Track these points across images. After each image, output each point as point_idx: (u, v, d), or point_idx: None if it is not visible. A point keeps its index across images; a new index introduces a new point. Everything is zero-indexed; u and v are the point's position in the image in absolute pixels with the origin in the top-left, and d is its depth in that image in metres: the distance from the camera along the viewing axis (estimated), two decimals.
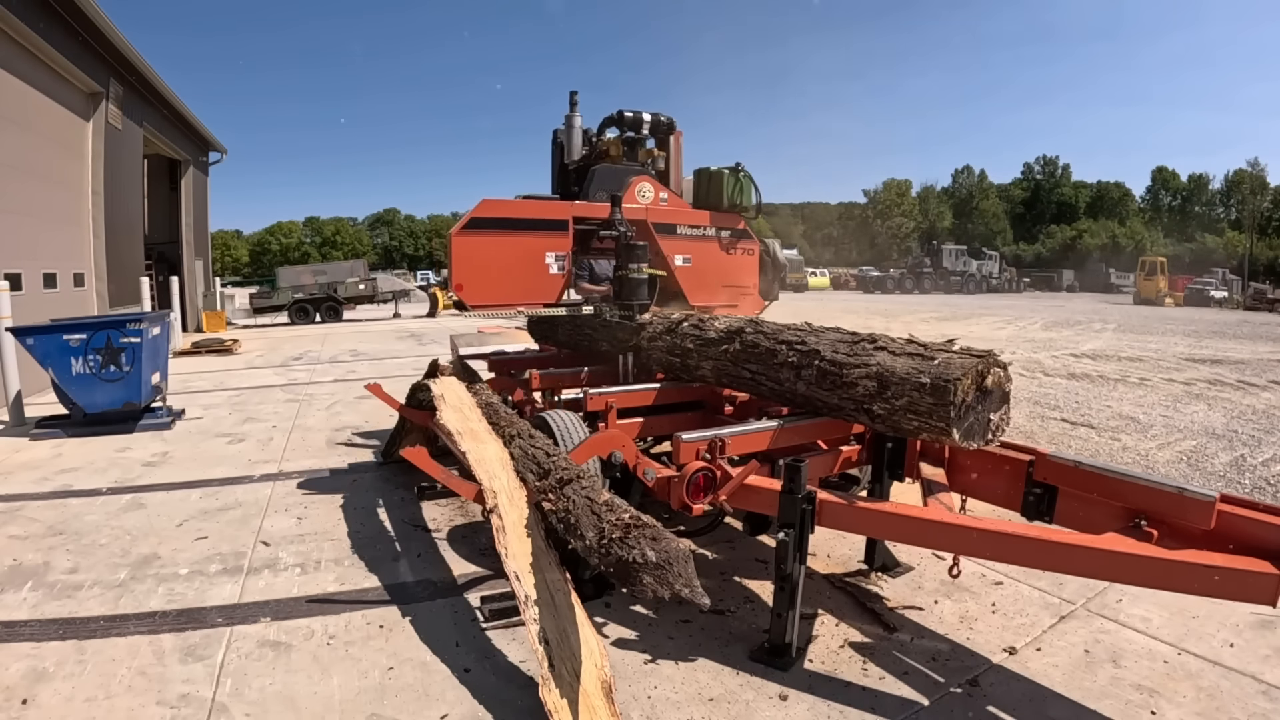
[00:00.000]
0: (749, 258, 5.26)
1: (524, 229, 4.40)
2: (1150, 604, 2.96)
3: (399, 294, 23.84)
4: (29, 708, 2.28)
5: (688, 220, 5.01)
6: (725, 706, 2.29)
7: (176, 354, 11.13)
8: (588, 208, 4.64)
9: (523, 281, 4.41)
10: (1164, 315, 23.42)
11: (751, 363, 3.37)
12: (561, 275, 4.51)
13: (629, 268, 4.39)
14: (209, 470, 5.00)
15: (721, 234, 5.11)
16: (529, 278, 4.42)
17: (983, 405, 2.50)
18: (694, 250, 5.01)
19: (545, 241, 4.43)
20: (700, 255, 5.04)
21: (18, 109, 8.52)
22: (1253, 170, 66.36)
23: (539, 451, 3.04)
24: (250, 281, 48.34)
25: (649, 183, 4.87)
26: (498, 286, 4.35)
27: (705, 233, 5.05)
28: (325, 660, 2.56)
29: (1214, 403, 7.50)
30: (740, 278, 5.22)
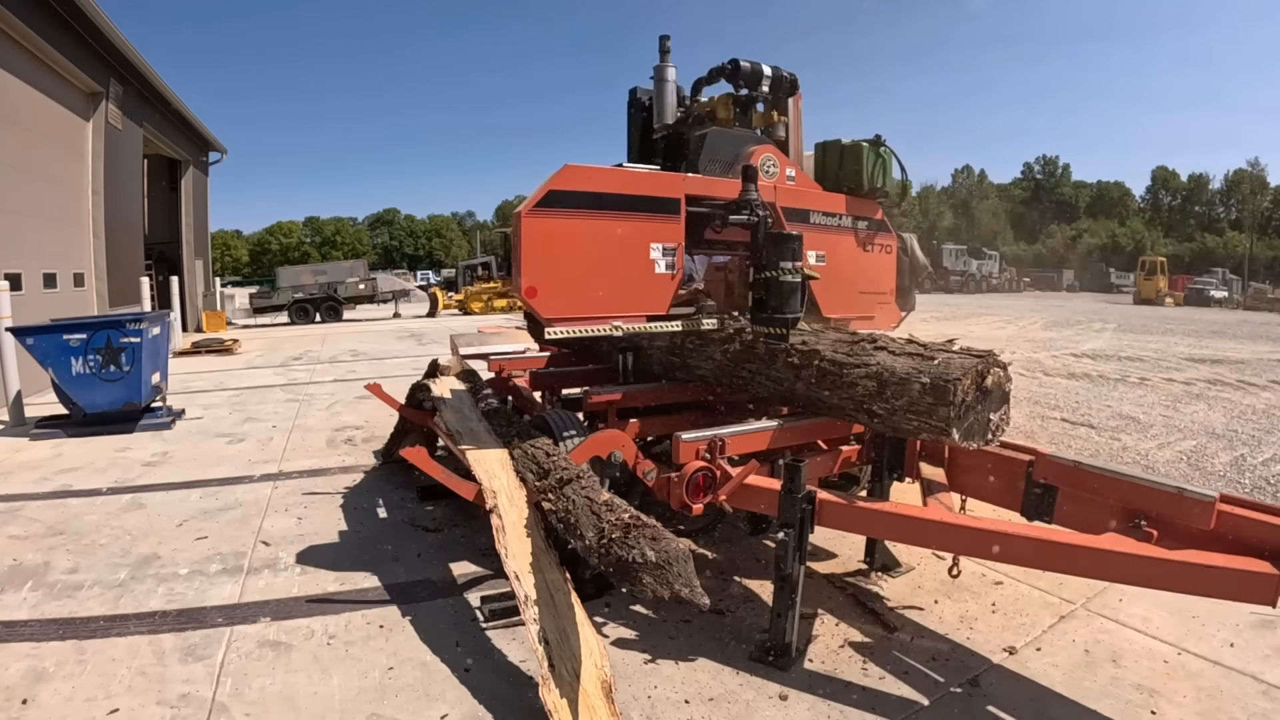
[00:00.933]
0: (887, 256, 4.13)
1: (621, 210, 3.12)
2: (1150, 604, 2.96)
3: (399, 294, 23.85)
4: (29, 708, 2.28)
5: (822, 205, 3.79)
6: (725, 706, 2.29)
7: (176, 354, 11.13)
8: (706, 183, 3.42)
9: (621, 285, 3.15)
10: (1164, 315, 23.42)
11: (751, 363, 3.37)
12: (671, 277, 3.27)
13: (779, 267, 3.18)
14: (209, 470, 5.00)
15: (859, 225, 3.96)
16: (629, 279, 3.16)
17: (983, 405, 2.50)
18: (829, 245, 3.79)
19: (650, 228, 3.19)
20: (835, 251, 3.85)
21: (18, 109, 8.52)
22: (1253, 170, 66.37)
23: (539, 451, 3.03)
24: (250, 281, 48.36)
25: (774, 154, 3.65)
26: (586, 291, 3.09)
27: (841, 223, 3.87)
28: (325, 660, 2.56)
29: (1214, 402, 7.50)
30: (878, 281, 4.12)
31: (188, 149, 16.84)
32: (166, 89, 13.57)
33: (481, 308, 22.42)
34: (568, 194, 3.02)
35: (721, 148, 3.60)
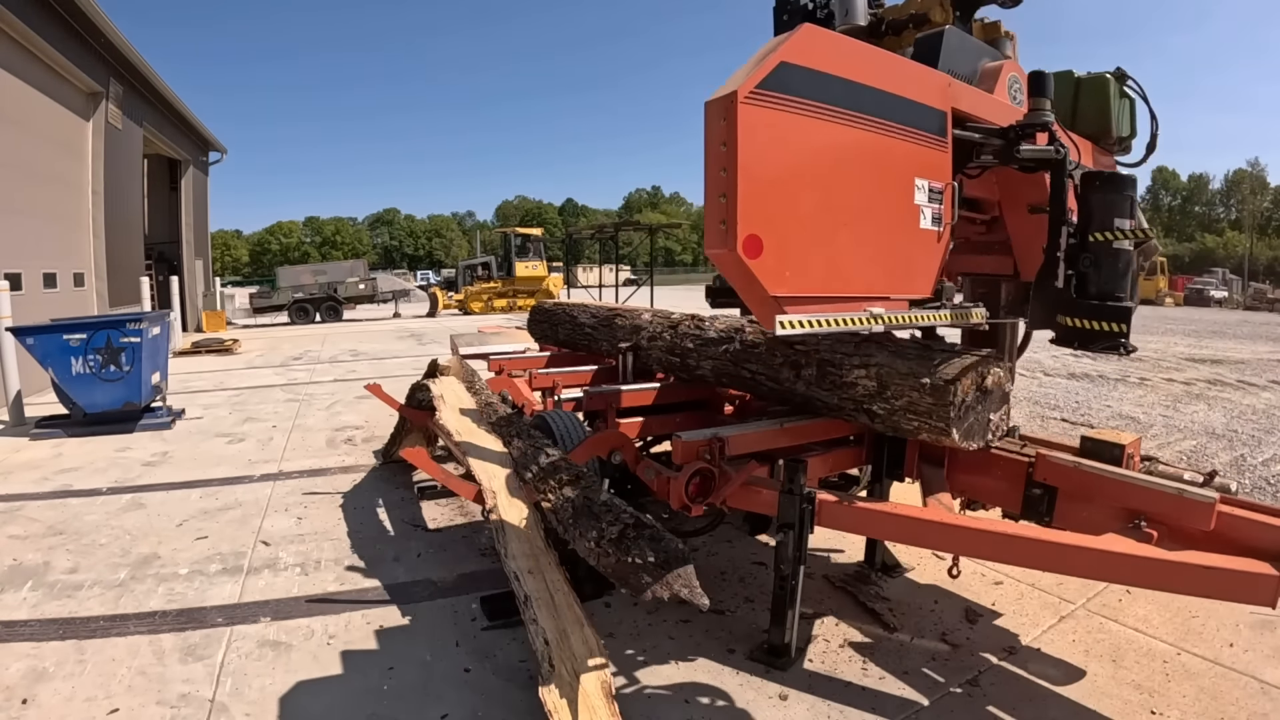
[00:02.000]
0: None
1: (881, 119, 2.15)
2: (1150, 604, 2.96)
3: (399, 294, 23.84)
4: (29, 707, 2.28)
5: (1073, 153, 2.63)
6: (725, 706, 2.29)
7: (176, 354, 11.13)
8: (975, 96, 2.52)
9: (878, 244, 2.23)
10: (1164, 315, 23.42)
11: (751, 362, 3.37)
12: (939, 236, 2.38)
13: (1110, 229, 2.32)
14: (209, 470, 5.00)
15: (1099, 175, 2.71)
16: (891, 236, 2.25)
17: (983, 405, 2.50)
18: None
19: (916, 154, 2.26)
20: None
21: (18, 109, 8.52)
22: (1253, 170, 66.36)
23: (539, 451, 3.03)
24: (250, 281, 48.35)
25: (1019, 74, 2.77)
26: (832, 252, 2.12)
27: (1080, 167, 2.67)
28: (325, 660, 2.56)
29: (1214, 402, 7.50)
30: None
31: (188, 149, 16.84)
32: (166, 89, 13.57)
33: (481, 308, 22.42)
34: (811, 75, 1.94)
35: (960, 56, 2.56)
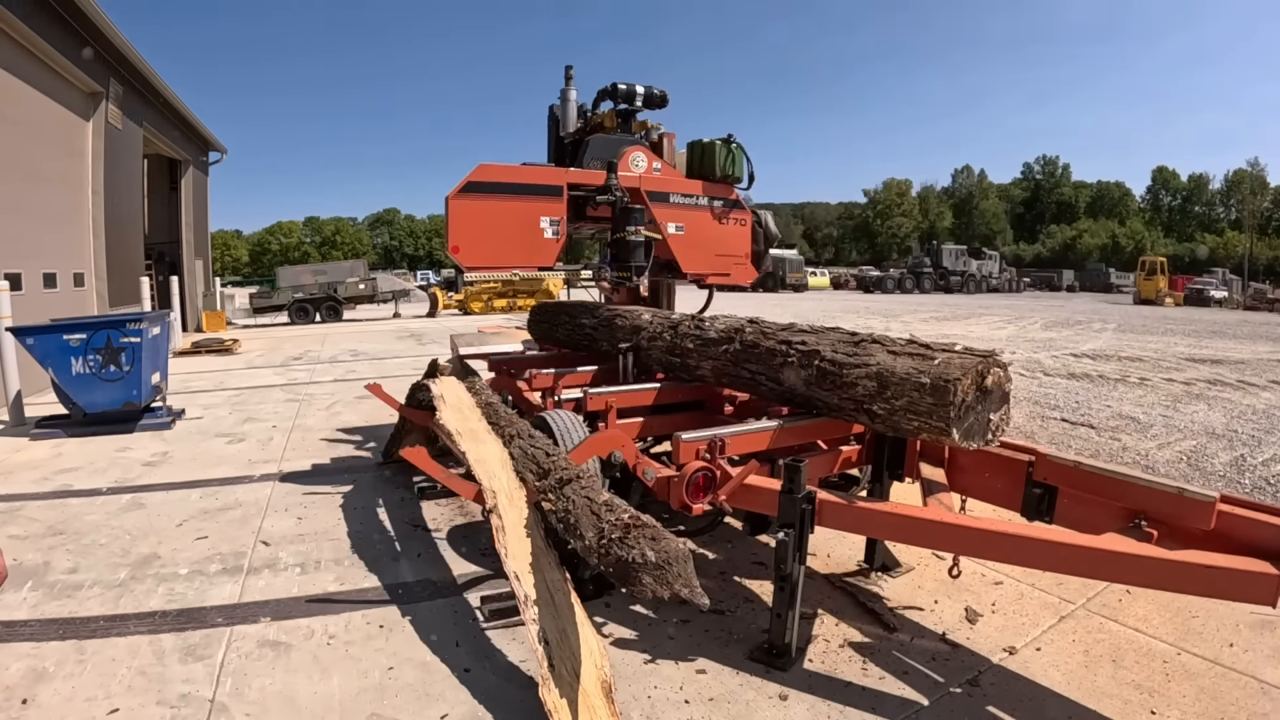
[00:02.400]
0: (741, 228, 5.37)
1: (519, 194, 4.47)
2: (1150, 604, 2.96)
3: (399, 294, 23.83)
4: (29, 707, 2.28)
5: (680, 189, 5.07)
6: (725, 706, 2.29)
7: (176, 354, 11.13)
8: (582, 174, 4.71)
9: (518, 244, 4.48)
10: (1164, 315, 23.42)
11: (751, 362, 3.37)
12: (557, 240, 4.57)
13: (626, 230, 4.62)
14: (209, 470, 5.00)
15: (714, 203, 5.20)
16: (524, 241, 4.48)
17: (983, 405, 2.50)
18: (687, 219, 5.09)
19: (540, 206, 4.51)
20: (693, 224, 5.13)
21: (18, 109, 8.51)
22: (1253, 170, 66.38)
23: (539, 451, 3.03)
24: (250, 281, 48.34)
25: (642, 152, 4.92)
26: (493, 249, 4.43)
27: (698, 202, 5.13)
28: (325, 660, 2.56)
29: (1214, 403, 7.50)
30: (733, 247, 5.35)
31: (188, 149, 16.84)
32: (166, 89, 13.57)
33: (481, 308, 22.43)
34: (482, 184, 4.34)
35: (601, 149, 4.82)
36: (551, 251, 4.54)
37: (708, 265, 5.22)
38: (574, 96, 5.19)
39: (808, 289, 41.38)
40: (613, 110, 5.07)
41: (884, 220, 78.82)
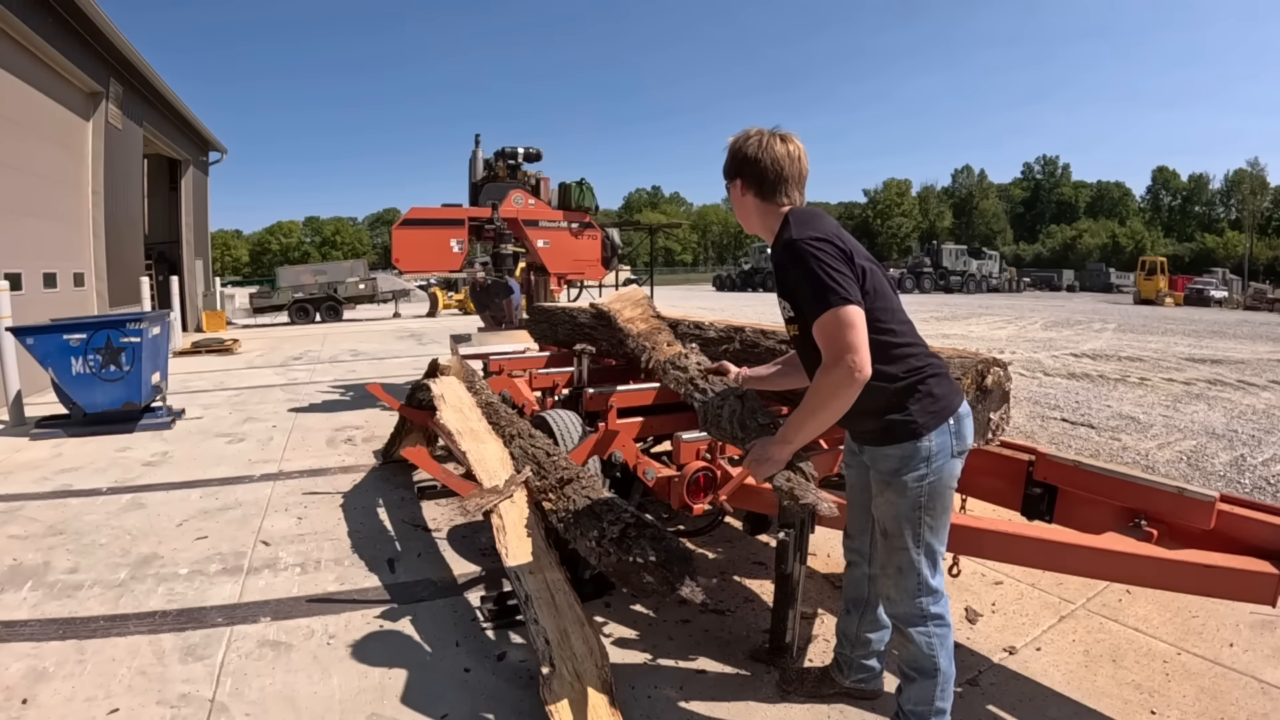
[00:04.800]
0: (593, 241, 7.67)
1: (436, 225, 6.91)
2: (1150, 604, 2.96)
3: (399, 294, 23.84)
4: (29, 707, 2.28)
5: (547, 217, 7.46)
6: (725, 706, 2.29)
7: (176, 354, 11.13)
8: (477, 210, 7.21)
9: (436, 257, 6.90)
10: (1164, 315, 23.42)
11: (751, 362, 3.37)
12: (461, 253, 6.96)
13: (501, 247, 7.23)
14: (209, 470, 5.00)
15: (572, 225, 7.51)
16: (440, 254, 6.90)
17: (983, 404, 2.50)
18: (552, 237, 7.46)
19: (449, 233, 6.92)
20: (556, 240, 7.50)
21: (18, 109, 8.51)
22: (1253, 170, 66.36)
23: (539, 451, 3.03)
24: (250, 281, 48.31)
25: (522, 193, 7.35)
26: (421, 260, 6.89)
27: (560, 225, 7.48)
28: (325, 660, 2.56)
29: (1214, 402, 7.50)
30: (586, 255, 7.66)
31: (188, 149, 16.84)
32: (166, 89, 13.57)
33: None
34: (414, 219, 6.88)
35: (493, 193, 7.34)
36: (457, 260, 7.01)
37: (568, 267, 7.59)
38: (480, 154, 7.87)
39: None
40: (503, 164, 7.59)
41: (884, 220, 78.79)
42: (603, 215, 8.92)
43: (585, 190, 7.56)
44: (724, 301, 29.94)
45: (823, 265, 1.65)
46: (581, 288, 9.36)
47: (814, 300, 1.65)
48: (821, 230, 1.74)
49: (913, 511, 1.83)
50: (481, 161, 7.83)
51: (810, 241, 1.69)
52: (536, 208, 7.40)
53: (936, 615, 1.91)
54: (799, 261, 1.68)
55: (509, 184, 7.41)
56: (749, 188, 1.87)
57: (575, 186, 7.55)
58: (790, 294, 1.79)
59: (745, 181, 1.87)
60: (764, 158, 1.83)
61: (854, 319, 1.61)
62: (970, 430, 1.87)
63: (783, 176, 1.83)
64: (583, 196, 7.56)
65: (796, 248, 1.70)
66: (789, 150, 1.84)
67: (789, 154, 1.83)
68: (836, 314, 1.61)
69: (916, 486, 1.81)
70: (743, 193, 1.89)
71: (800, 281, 1.69)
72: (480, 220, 7.09)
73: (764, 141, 1.84)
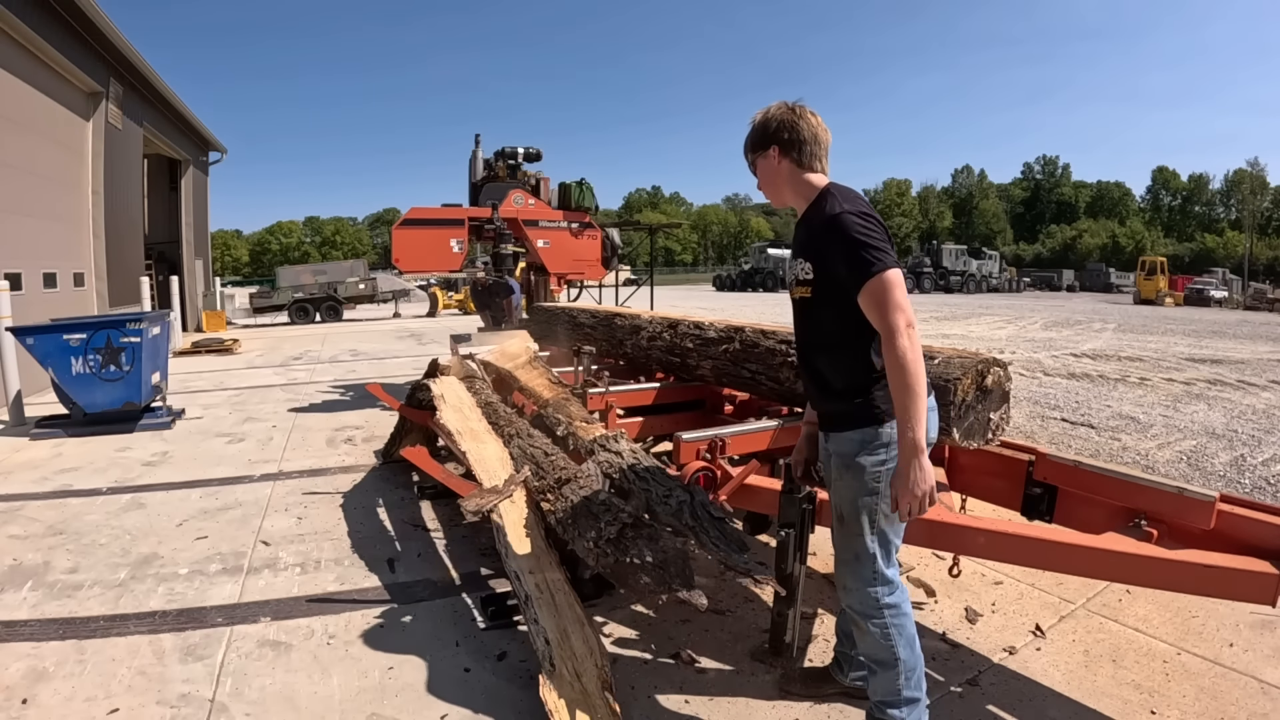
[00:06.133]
0: (593, 241, 7.71)
1: (436, 225, 6.93)
2: (1150, 604, 2.96)
3: (399, 294, 23.85)
4: (29, 707, 2.28)
5: (547, 217, 7.49)
6: (725, 706, 2.29)
7: (176, 354, 11.13)
8: (476, 211, 7.25)
9: (436, 257, 6.94)
10: (1164, 315, 23.42)
11: (751, 362, 3.37)
12: (461, 253, 7.03)
13: (501, 247, 7.13)
14: (209, 470, 5.00)
15: (571, 225, 7.55)
16: (440, 254, 6.94)
17: (983, 404, 2.50)
18: (552, 236, 7.50)
19: (450, 233, 6.95)
20: (556, 240, 7.53)
21: (18, 109, 8.51)
22: (1253, 170, 66.35)
23: (538, 451, 3.03)
24: (250, 281, 48.31)
25: (521, 193, 7.40)
26: (421, 260, 6.93)
27: (559, 225, 7.52)
28: (325, 660, 2.56)
29: (1214, 402, 7.50)
30: (586, 255, 7.71)
31: (188, 149, 16.84)
32: (166, 89, 13.57)
33: None
34: (414, 219, 6.88)
35: (493, 193, 7.37)
36: (457, 260, 7.04)
37: (568, 267, 7.65)
38: (480, 154, 7.89)
39: None
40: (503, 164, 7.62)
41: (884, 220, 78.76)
42: (603, 215, 8.79)
43: (585, 190, 7.59)
44: (724, 301, 29.95)
45: (871, 235, 1.72)
46: (581, 287, 9.31)
47: (862, 265, 1.70)
48: (868, 207, 1.81)
49: (869, 497, 1.84)
50: (481, 161, 7.86)
51: (860, 215, 1.75)
52: (536, 208, 7.45)
53: (891, 605, 1.90)
54: (847, 233, 1.73)
55: (509, 184, 7.44)
56: (786, 154, 1.88)
57: (575, 186, 7.58)
58: (819, 258, 1.81)
59: (782, 148, 1.89)
60: (801, 124, 1.87)
61: (899, 280, 1.70)
62: (935, 425, 1.86)
63: (819, 141, 1.88)
64: (583, 196, 7.59)
65: (844, 221, 1.74)
66: (819, 121, 1.90)
67: (820, 123, 1.90)
68: (884, 277, 1.68)
69: (875, 471, 1.82)
70: (779, 160, 1.90)
71: (844, 252, 1.73)
72: (480, 220, 7.13)
73: (798, 109, 1.89)
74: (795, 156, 1.88)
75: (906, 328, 1.65)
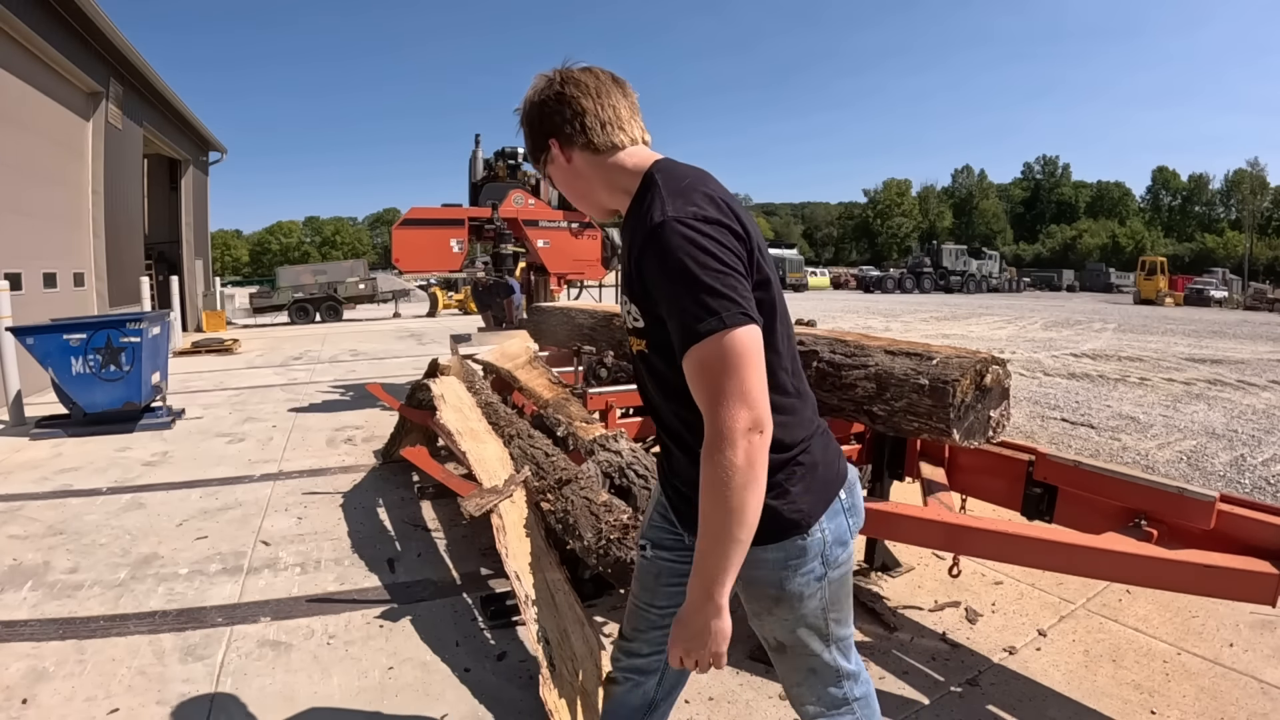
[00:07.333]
0: (593, 241, 7.73)
1: (436, 225, 7.00)
2: (1150, 604, 2.96)
3: (399, 294, 23.85)
4: (29, 707, 2.28)
5: (547, 217, 7.51)
6: (725, 706, 2.29)
7: (176, 354, 11.13)
8: (476, 210, 7.33)
9: (436, 257, 7.00)
10: (1164, 315, 23.42)
11: None
12: (461, 253, 7.08)
13: (502, 247, 7.18)
14: (209, 470, 5.00)
15: (571, 225, 7.55)
16: (440, 254, 7.01)
17: (982, 403, 2.49)
18: (552, 236, 7.51)
19: (450, 233, 7.02)
20: (556, 240, 7.53)
21: (18, 109, 8.51)
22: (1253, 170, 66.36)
23: (538, 451, 3.04)
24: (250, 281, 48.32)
25: (521, 193, 7.44)
26: (421, 260, 7.00)
27: (560, 225, 7.53)
28: (325, 660, 2.56)
29: (1214, 402, 7.50)
30: (586, 254, 7.74)
31: (188, 149, 16.84)
32: (166, 89, 13.57)
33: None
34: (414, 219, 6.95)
35: (493, 193, 7.45)
36: (457, 260, 7.10)
37: (568, 267, 7.67)
38: (480, 154, 7.96)
39: (807, 289, 41.40)
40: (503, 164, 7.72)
41: (884, 220, 78.82)
42: None
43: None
44: None
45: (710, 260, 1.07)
46: (581, 287, 9.32)
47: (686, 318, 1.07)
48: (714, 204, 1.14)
49: (816, 618, 1.31)
50: (481, 161, 7.93)
51: (699, 222, 1.09)
52: (536, 208, 7.46)
53: (860, 697, 1.43)
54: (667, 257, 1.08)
55: (509, 184, 7.50)
56: (571, 144, 1.27)
57: None
58: (646, 295, 1.16)
59: (562, 140, 1.27)
60: (572, 92, 1.25)
61: (748, 348, 1.06)
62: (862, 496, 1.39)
63: (608, 103, 1.26)
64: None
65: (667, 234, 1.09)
66: (602, 74, 1.28)
67: (604, 78, 1.28)
68: (721, 342, 1.04)
69: (815, 589, 1.28)
70: (566, 156, 1.29)
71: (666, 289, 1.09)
72: (480, 220, 7.17)
73: (561, 75, 1.27)
74: (584, 140, 1.26)
75: (748, 431, 1.04)
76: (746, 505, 1.07)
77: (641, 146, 1.31)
